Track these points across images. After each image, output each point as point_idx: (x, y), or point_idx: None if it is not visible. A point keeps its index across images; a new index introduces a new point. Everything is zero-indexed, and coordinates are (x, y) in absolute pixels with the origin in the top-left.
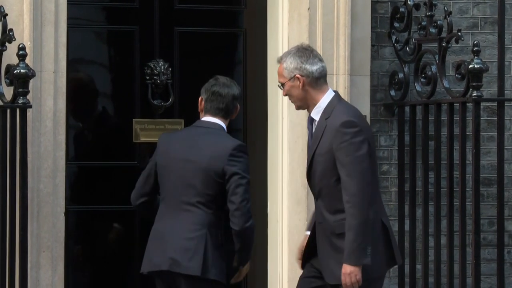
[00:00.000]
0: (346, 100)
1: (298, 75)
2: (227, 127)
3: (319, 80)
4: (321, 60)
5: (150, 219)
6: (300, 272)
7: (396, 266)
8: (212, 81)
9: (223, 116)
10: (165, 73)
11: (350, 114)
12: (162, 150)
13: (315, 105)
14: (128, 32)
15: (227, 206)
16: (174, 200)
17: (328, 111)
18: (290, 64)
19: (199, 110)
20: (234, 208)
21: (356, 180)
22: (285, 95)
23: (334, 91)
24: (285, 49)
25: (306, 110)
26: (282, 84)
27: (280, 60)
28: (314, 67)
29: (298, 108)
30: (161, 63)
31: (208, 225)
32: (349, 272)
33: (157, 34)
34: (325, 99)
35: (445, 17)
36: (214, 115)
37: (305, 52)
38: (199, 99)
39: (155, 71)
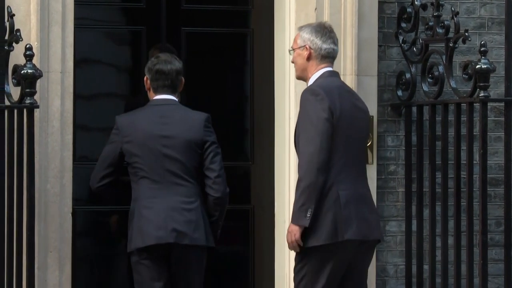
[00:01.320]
0: None
1: (308, 46)
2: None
3: (324, 58)
4: (334, 43)
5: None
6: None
7: (403, 267)
8: (154, 60)
9: (172, 92)
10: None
11: (317, 85)
12: (129, 131)
13: (309, 79)
14: (136, 32)
15: (205, 174)
16: (160, 176)
17: None
18: (306, 34)
19: (146, 89)
20: (215, 175)
21: (307, 145)
22: (292, 61)
23: (334, 71)
24: None
25: None
26: (293, 50)
27: (300, 28)
28: (324, 45)
29: (297, 77)
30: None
31: (199, 196)
32: (289, 230)
33: (164, 34)
34: (316, 74)
35: (452, 18)
36: (163, 92)
37: (323, 29)
38: (145, 78)
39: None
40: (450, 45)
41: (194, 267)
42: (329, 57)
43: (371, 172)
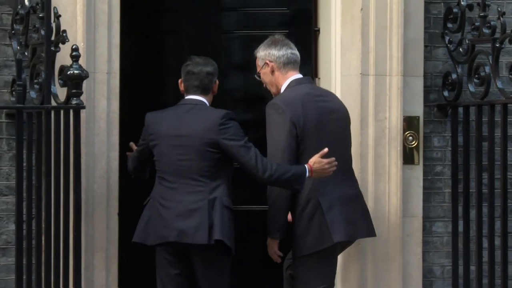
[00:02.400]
0: (397, 100)
1: (267, 61)
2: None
3: (286, 65)
4: (291, 48)
5: None
6: (353, 272)
7: (450, 268)
8: (187, 62)
9: (202, 93)
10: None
11: (279, 98)
12: (152, 129)
13: (280, 91)
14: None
15: (245, 168)
16: (173, 174)
17: None
18: (261, 52)
19: (180, 91)
20: (249, 168)
21: (272, 160)
22: (264, 85)
23: (302, 78)
24: (338, 51)
25: (358, 112)
26: (259, 74)
27: (255, 52)
28: (280, 52)
29: (274, 95)
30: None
31: (208, 194)
32: (267, 243)
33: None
34: (284, 85)
35: (499, 18)
36: (193, 93)
37: (274, 41)
38: (179, 80)
39: None
40: (497, 45)
41: (202, 266)
42: (291, 62)
43: (417, 173)
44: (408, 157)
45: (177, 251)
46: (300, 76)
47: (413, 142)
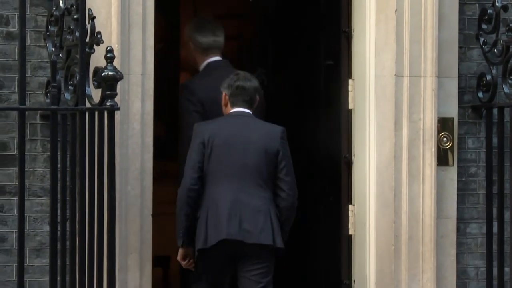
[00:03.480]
0: (431, 101)
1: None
2: None
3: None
4: (216, 35)
5: None
6: (387, 273)
7: (484, 269)
8: (234, 77)
9: (249, 107)
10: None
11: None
12: (210, 136)
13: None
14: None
15: (278, 183)
16: (235, 177)
17: None
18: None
19: (223, 104)
20: (287, 187)
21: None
22: None
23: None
24: (372, 51)
25: (392, 113)
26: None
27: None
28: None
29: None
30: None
31: (269, 200)
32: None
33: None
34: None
35: None
36: (241, 107)
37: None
38: (223, 94)
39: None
40: None
41: (254, 265)
42: (212, 48)
43: (452, 174)
44: (442, 159)
45: (230, 252)
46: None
47: (448, 144)
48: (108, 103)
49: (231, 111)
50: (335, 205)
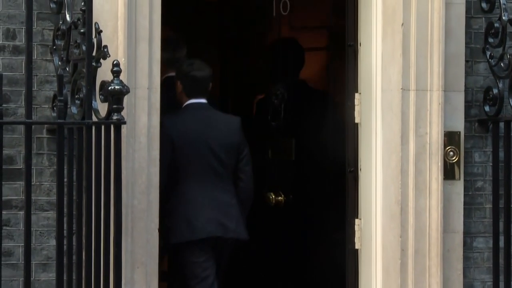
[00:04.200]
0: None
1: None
2: None
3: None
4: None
5: None
6: None
7: (490, 283)
8: (188, 67)
9: (204, 96)
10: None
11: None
12: (177, 133)
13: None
14: None
15: (238, 173)
16: (206, 174)
17: None
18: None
19: (177, 92)
20: (246, 177)
21: None
22: None
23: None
24: (379, 65)
25: (399, 127)
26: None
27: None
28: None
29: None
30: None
31: (235, 193)
32: None
33: None
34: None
35: None
36: (197, 97)
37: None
38: (177, 82)
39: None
40: None
41: (225, 258)
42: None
43: (458, 188)
44: (449, 173)
45: (211, 245)
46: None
47: (454, 158)
48: (115, 117)
49: (189, 102)
50: (341, 219)
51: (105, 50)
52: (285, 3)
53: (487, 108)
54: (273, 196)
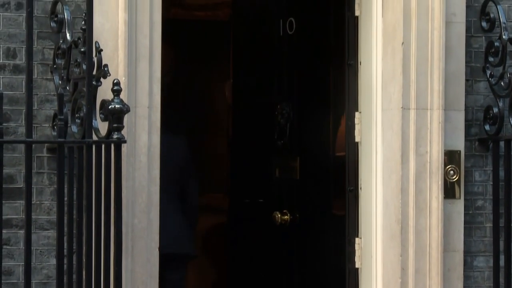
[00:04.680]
0: (438, 134)
1: None
2: None
3: None
4: None
5: None
6: None
7: None
8: None
9: None
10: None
11: None
12: None
13: None
14: None
15: None
16: None
17: None
18: None
19: None
20: None
21: None
22: None
23: None
24: (379, 84)
25: (399, 146)
26: None
27: None
28: None
29: None
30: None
31: None
32: None
33: None
34: None
35: None
36: None
37: None
38: None
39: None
40: None
41: None
42: None
43: (459, 207)
44: (449, 192)
45: None
46: None
47: (454, 176)
48: (115, 136)
49: None
50: (342, 237)
51: (105, 69)
52: (291, 23)
53: (487, 127)
54: (279, 215)
